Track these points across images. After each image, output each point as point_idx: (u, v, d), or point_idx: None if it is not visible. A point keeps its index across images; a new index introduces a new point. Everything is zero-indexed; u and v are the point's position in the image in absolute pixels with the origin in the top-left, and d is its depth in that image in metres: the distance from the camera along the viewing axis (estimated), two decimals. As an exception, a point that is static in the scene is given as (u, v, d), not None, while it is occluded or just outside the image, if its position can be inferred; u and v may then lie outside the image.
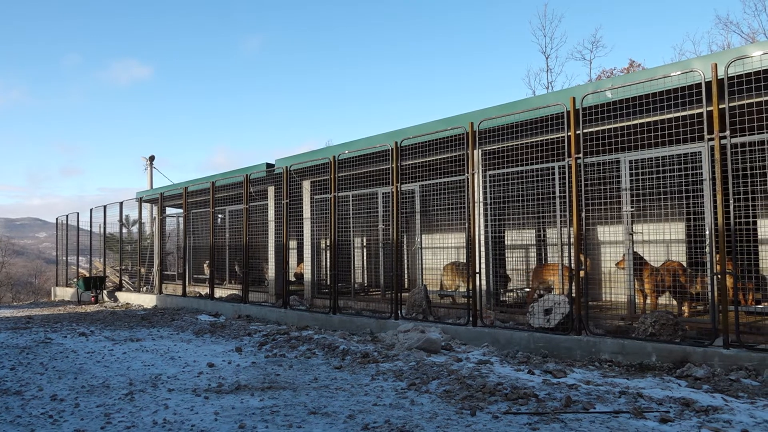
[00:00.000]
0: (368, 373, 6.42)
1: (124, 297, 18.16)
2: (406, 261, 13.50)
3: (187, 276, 17.03)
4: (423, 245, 11.90)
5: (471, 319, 8.62)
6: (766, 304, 8.85)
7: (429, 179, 11.26)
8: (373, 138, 11.57)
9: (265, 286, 16.07)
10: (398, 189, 9.97)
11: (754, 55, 6.81)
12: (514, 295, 11.38)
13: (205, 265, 18.26)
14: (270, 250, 15.34)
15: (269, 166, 14.42)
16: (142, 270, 18.89)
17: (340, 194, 11.44)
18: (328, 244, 12.31)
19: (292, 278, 16.02)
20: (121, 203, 19.15)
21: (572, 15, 53.37)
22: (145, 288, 18.60)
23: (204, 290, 16.63)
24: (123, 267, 19.88)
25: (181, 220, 19.04)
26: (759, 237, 9.56)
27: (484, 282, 9.60)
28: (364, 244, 15.16)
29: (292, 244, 15.78)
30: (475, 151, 9.12)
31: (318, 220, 13.69)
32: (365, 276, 15.51)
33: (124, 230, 20.30)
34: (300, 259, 16.25)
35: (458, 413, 4.78)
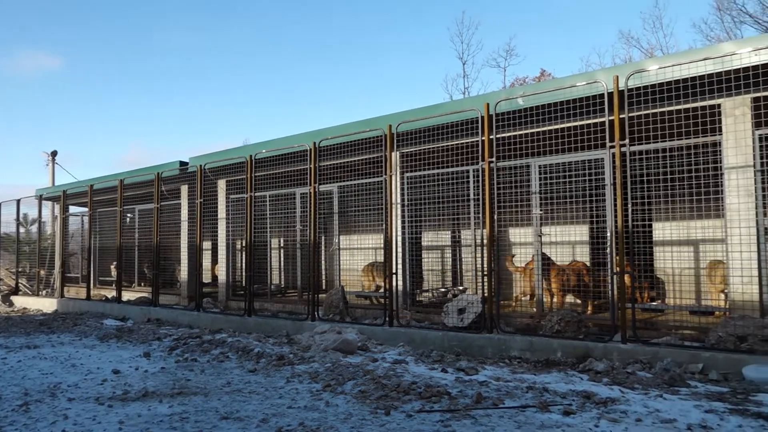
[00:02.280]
0: (283, 375, 6.33)
1: (20, 301, 16.93)
2: (323, 262, 13.43)
3: (92, 278, 16.12)
4: (341, 246, 11.90)
5: (387, 319, 8.70)
6: (659, 302, 9.50)
7: (348, 180, 11.28)
8: (292, 138, 11.44)
9: (177, 288, 15.50)
10: (316, 189, 9.91)
11: (650, 69, 7.30)
12: (430, 294, 11.61)
13: (112, 267, 17.36)
14: (183, 251, 14.82)
15: (183, 164, 13.92)
16: (42, 272, 17.72)
17: (256, 194, 11.23)
18: (244, 245, 12.05)
19: (207, 280, 15.55)
20: (18, 200, 17.89)
21: (488, 23, 55.09)
22: (45, 291, 17.44)
23: (111, 293, 15.81)
24: (20, 269, 18.55)
25: (86, 219, 18.01)
26: (654, 239, 10.26)
27: (400, 282, 9.72)
28: (282, 245, 14.96)
29: (207, 244, 15.32)
30: (393, 153, 9.22)
31: (234, 220, 13.36)
32: (282, 277, 15.30)
33: (22, 230, 18.96)
34: (215, 261, 15.79)
35: (373, 413, 4.81)
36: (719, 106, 7.37)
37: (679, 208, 9.67)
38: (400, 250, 9.58)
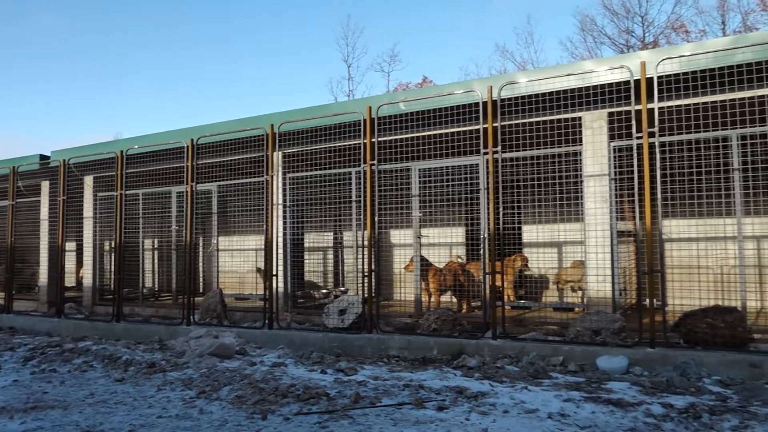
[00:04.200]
0: (154, 383, 6.00)
1: None
2: (201, 264, 12.94)
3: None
4: (220, 247, 11.52)
5: (267, 322, 8.55)
6: (525, 301, 10.12)
7: (228, 179, 10.94)
8: (168, 134, 10.92)
9: (36, 293, 14.20)
10: (193, 188, 9.52)
11: (521, 81, 7.79)
12: (312, 296, 11.56)
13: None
14: (42, 253, 13.60)
15: (44, 158, 12.80)
16: None
17: (128, 192, 10.58)
18: (113, 245, 11.29)
19: (71, 284, 14.38)
20: None
21: (373, 28, 55.91)
22: None
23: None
24: None
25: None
26: (523, 240, 10.94)
27: (281, 284, 9.59)
28: (156, 246, 14.19)
29: (72, 245, 14.18)
30: (275, 154, 9.08)
31: (102, 219, 12.47)
32: (156, 280, 14.51)
33: None
34: (81, 263, 14.65)
35: (249, 418, 4.69)
36: (580, 118, 8.01)
37: (544, 212, 10.38)
38: (281, 251, 9.45)
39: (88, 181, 12.74)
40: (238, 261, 11.97)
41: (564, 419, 4.51)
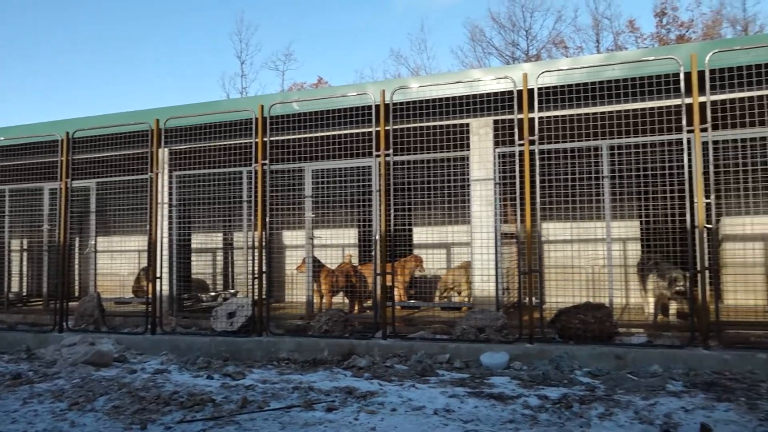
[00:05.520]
0: (19, 397, 5.51)
1: None
2: (77, 266, 12.07)
3: None
4: (99, 248, 10.80)
5: (150, 327, 8.13)
6: (415, 300, 10.37)
7: (108, 176, 10.28)
8: (39, 126, 10.09)
9: None
10: (68, 185, 8.86)
11: (413, 87, 7.99)
12: (204, 298, 11.16)
13: None
14: None
15: None
16: None
17: (-8, 188, 9.65)
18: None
19: None
20: None
21: (268, 26, 54.75)
22: None
23: None
24: None
25: None
26: (414, 242, 11.21)
27: (166, 287, 9.17)
28: (25, 247, 13.04)
29: None
30: (161, 150, 8.67)
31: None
32: (25, 284, 13.33)
33: None
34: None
35: (127, 429, 4.44)
36: (468, 125, 8.34)
37: (434, 215, 10.70)
38: (166, 252, 9.03)
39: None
40: (119, 263, 11.29)
41: (449, 415, 4.67)
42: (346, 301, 9.81)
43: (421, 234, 11.24)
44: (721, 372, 5.74)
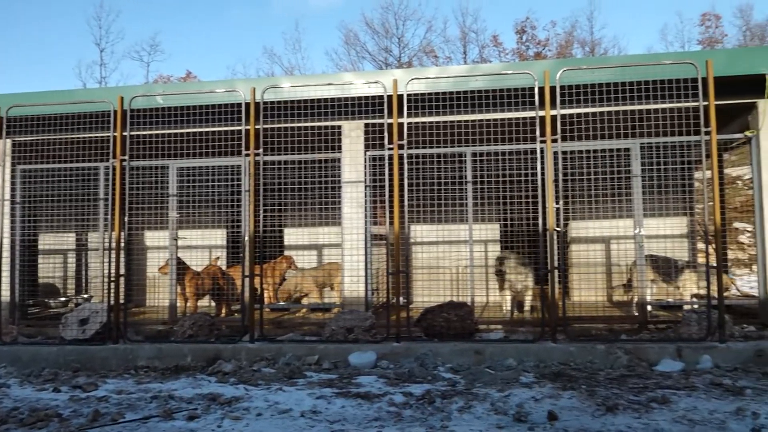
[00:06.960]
0: None
1: None
2: None
3: None
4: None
5: (-14, 337, 7.30)
6: (284, 302, 10.26)
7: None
8: None
9: None
10: None
11: (285, 86, 7.91)
12: (52, 304, 10.22)
13: None
14: None
15: None
16: None
17: None
18: None
19: None
20: None
21: (131, 13, 51.28)
22: None
23: None
24: None
25: None
26: (285, 243, 11.09)
27: (6, 292, 8.30)
28: None
29: None
30: (2, 141, 7.83)
31: None
32: None
33: None
34: None
35: (-48, 453, 3.96)
36: (340, 127, 8.40)
37: (306, 216, 10.66)
38: (7, 254, 8.17)
39: None
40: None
41: (316, 416, 4.67)
42: (213, 304, 9.47)
43: (292, 235, 11.14)
44: (566, 363, 6.27)
